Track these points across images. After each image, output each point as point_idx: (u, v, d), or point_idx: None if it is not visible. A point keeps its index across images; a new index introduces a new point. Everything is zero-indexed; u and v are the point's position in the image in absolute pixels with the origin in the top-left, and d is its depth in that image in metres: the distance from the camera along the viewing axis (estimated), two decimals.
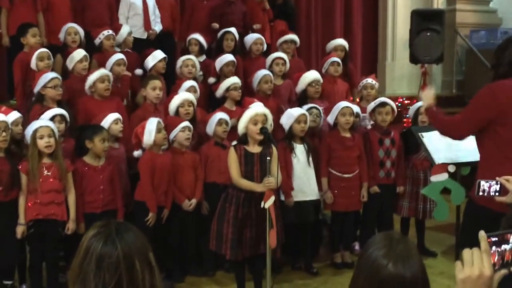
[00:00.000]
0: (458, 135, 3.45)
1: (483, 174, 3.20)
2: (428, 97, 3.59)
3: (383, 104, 5.26)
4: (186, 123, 4.80)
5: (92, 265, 1.53)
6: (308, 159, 4.94)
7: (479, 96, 3.28)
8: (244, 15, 7.19)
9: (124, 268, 1.52)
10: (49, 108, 4.71)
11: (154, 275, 1.58)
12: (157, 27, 6.85)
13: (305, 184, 4.93)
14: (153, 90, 5.26)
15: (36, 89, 4.93)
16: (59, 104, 4.88)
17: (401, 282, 1.52)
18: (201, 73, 6.22)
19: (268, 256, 4.16)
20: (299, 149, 4.93)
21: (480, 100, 3.26)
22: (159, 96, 5.29)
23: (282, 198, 4.86)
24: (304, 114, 4.92)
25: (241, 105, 5.30)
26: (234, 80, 5.61)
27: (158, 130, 4.61)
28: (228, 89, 5.56)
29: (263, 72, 5.81)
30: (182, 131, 4.77)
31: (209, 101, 6.09)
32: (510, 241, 1.46)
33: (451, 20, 8.74)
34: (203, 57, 6.48)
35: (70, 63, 5.53)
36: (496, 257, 1.44)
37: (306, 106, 5.17)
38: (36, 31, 5.81)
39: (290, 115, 4.91)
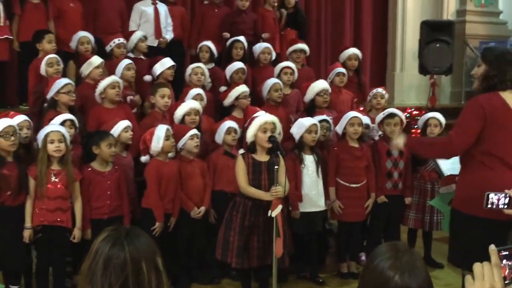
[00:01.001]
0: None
1: (462, 182, 3.40)
2: (399, 144, 3.75)
3: (392, 115, 5.24)
4: (194, 131, 4.80)
5: (100, 265, 1.56)
6: (317, 170, 4.94)
7: (469, 108, 3.36)
8: (255, 23, 7.20)
9: (130, 269, 1.55)
10: (62, 114, 4.72)
11: (161, 280, 1.60)
12: (168, 35, 6.88)
13: (314, 195, 4.92)
14: (162, 98, 5.27)
15: (50, 95, 4.93)
16: (71, 110, 4.89)
17: None
18: (209, 80, 6.24)
19: (274, 265, 4.16)
20: (309, 160, 4.92)
21: (470, 111, 3.33)
22: (167, 104, 5.29)
23: (290, 208, 4.85)
24: (315, 124, 4.92)
25: (244, 113, 5.32)
26: (243, 88, 5.61)
27: (167, 137, 4.62)
28: (237, 98, 5.58)
29: (273, 80, 5.81)
30: (190, 139, 4.76)
31: (216, 109, 6.10)
32: None
33: (460, 31, 8.73)
34: (211, 65, 6.49)
35: (87, 69, 5.53)
36: (507, 271, 1.44)
37: (317, 118, 5.15)
38: (52, 37, 5.83)
39: (301, 125, 4.91)
